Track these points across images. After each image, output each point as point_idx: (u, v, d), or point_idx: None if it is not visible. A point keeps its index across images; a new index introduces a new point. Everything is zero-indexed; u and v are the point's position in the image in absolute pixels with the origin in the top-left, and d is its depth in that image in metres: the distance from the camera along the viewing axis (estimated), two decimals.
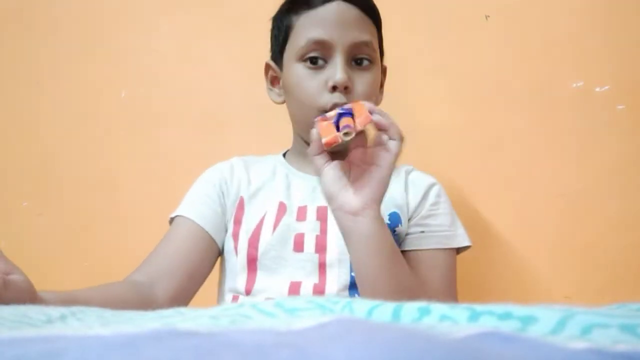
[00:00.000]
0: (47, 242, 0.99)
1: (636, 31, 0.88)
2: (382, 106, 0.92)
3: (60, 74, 1.03)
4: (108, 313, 0.28)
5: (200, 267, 0.67)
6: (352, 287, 0.62)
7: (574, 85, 0.88)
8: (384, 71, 0.77)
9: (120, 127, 1.01)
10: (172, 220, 0.70)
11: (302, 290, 0.62)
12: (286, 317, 0.22)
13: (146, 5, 1.03)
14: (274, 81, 0.74)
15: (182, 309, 0.26)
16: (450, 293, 0.68)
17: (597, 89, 0.88)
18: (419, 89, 0.93)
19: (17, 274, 0.41)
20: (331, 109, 0.65)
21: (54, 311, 0.28)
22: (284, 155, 0.78)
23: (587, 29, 0.89)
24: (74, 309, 0.29)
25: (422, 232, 0.68)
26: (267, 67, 0.75)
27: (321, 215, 0.67)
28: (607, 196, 0.86)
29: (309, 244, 0.64)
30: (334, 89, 0.65)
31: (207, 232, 0.68)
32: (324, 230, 0.66)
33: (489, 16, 0.91)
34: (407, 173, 0.73)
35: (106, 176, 0.99)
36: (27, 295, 0.43)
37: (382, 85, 0.77)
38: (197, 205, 0.69)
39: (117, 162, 1.00)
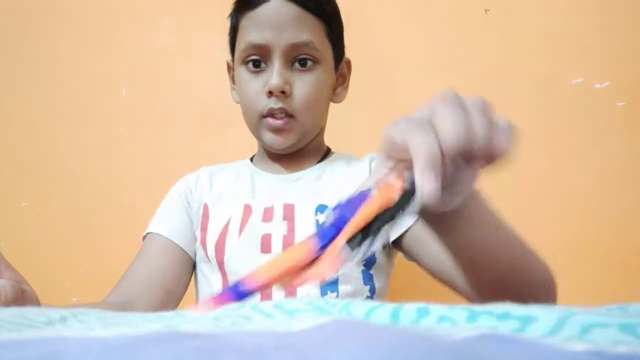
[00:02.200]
0: (47, 242, 0.99)
1: (636, 27, 0.87)
2: (377, 102, 0.93)
3: (60, 72, 1.03)
4: (108, 315, 0.28)
5: (177, 282, 0.67)
6: (324, 284, 0.62)
7: (574, 81, 0.88)
8: (347, 64, 0.75)
9: (121, 125, 1.01)
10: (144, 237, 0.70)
11: (274, 290, 0.62)
12: (285, 319, 0.23)
13: (147, 1, 1.03)
14: (234, 80, 0.74)
15: (183, 311, 0.26)
16: None
17: (597, 85, 0.88)
18: (417, 84, 0.93)
19: (26, 285, 0.41)
20: (268, 114, 0.66)
21: (54, 312, 0.28)
22: (252, 159, 0.78)
23: (587, 25, 0.89)
24: (75, 310, 0.29)
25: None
26: (229, 66, 0.75)
27: (288, 215, 0.66)
28: (607, 194, 0.86)
29: (276, 244, 0.64)
30: (271, 93, 0.64)
31: (178, 245, 0.67)
32: (291, 229, 0.65)
33: (488, 10, 0.91)
34: (371, 161, 0.72)
35: (106, 175, 0.99)
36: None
37: (345, 80, 0.75)
38: (166, 220, 0.69)
39: (117, 161, 1.00)
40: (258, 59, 0.67)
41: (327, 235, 0.31)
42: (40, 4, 1.05)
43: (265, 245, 0.64)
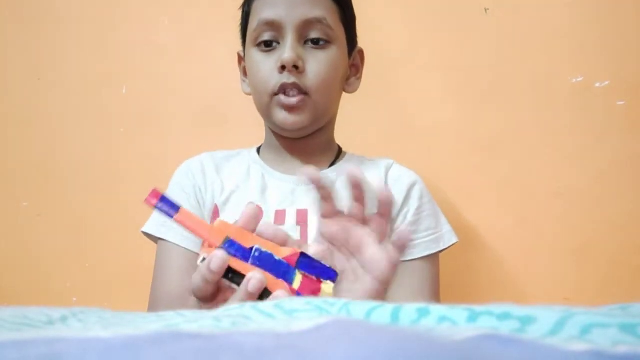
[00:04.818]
0: (47, 242, 0.99)
1: (636, 26, 0.87)
2: (376, 102, 0.93)
3: (60, 71, 1.03)
4: (108, 314, 0.28)
5: None
6: None
7: (574, 80, 0.88)
8: (360, 54, 0.73)
9: (122, 124, 1.00)
10: (148, 235, 0.68)
11: None
12: (285, 318, 0.22)
13: (148, 1, 1.03)
14: (245, 72, 0.72)
15: (183, 311, 0.26)
16: (438, 296, 0.68)
17: (597, 84, 0.87)
18: (416, 83, 0.93)
19: None
20: (280, 90, 0.63)
21: (55, 312, 0.28)
22: (259, 150, 0.75)
23: (587, 24, 0.89)
24: (76, 309, 0.29)
25: (412, 240, 0.67)
26: (240, 58, 0.73)
27: (301, 219, 0.64)
28: (607, 194, 0.85)
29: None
30: (283, 68, 0.62)
31: (195, 252, 0.66)
32: (304, 235, 0.63)
33: (488, 9, 0.91)
34: (387, 169, 0.71)
35: (107, 175, 0.99)
36: None
37: (358, 70, 0.73)
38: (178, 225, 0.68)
39: (118, 161, 1.00)
40: (270, 39, 0.65)
41: (237, 250, 0.39)
42: (41, 4, 1.05)
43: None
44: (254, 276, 0.37)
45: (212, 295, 0.40)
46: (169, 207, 0.39)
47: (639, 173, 0.85)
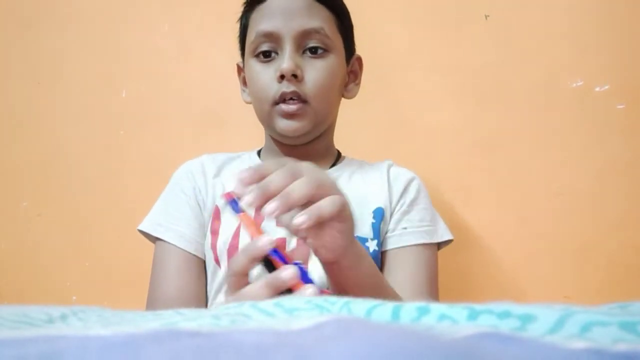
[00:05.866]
0: (47, 242, 0.99)
1: (636, 30, 0.87)
2: (376, 105, 0.93)
3: (60, 74, 1.03)
4: (108, 313, 0.28)
5: (201, 289, 0.67)
6: None
7: (574, 84, 0.88)
8: (358, 61, 0.75)
9: (121, 127, 1.01)
10: (145, 233, 0.69)
11: None
12: (285, 317, 0.22)
13: (146, 3, 1.03)
14: (245, 82, 0.73)
15: (182, 310, 0.26)
16: (433, 289, 0.68)
17: (597, 89, 0.88)
18: (417, 87, 0.93)
19: None
20: (280, 99, 0.65)
21: (55, 311, 0.28)
22: (259, 153, 0.76)
23: (586, 28, 0.89)
24: (76, 308, 0.29)
25: (405, 228, 0.67)
26: (239, 69, 0.75)
27: None
28: (607, 196, 0.86)
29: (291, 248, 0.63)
30: (282, 77, 0.64)
31: (193, 254, 0.66)
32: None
33: (488, 15, 0.91)
34: (388, 168, 0.72)
35: (106, 176, 0.99)
36: None
37: (356, 77, 0.74)
38: (176, 226, 0.67)
39: (117, 162, 1.00)
40: (268, 50, 0.66)
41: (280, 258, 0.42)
42: (42, 7, 1.05)
43: (280, 249, 0.64)
44: (291, 267, 0.38)
45: (239, 284, 0.41)
46: (237, 207, 0.43)
47: (639, 175, 0.85)
